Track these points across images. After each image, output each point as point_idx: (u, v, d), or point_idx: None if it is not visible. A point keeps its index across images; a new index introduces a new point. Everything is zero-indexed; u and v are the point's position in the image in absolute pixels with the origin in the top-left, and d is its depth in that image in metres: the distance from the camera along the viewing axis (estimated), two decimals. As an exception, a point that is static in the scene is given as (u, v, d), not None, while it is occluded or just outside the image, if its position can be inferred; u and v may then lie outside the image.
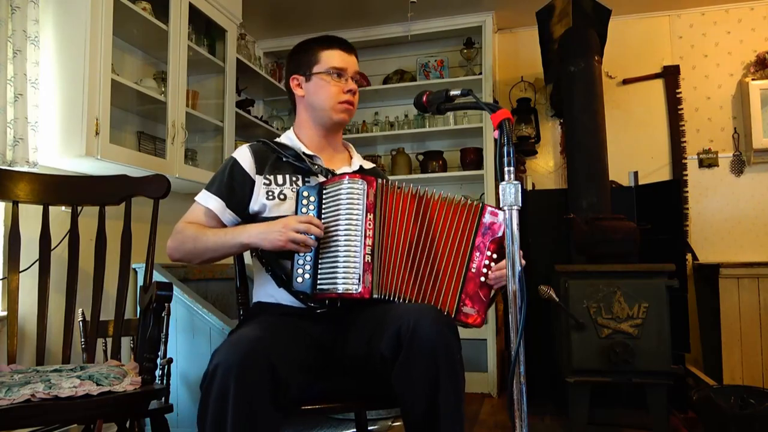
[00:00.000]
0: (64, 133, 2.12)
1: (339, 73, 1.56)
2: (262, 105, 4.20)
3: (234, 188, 1.50)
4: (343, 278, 1.30)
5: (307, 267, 1.34)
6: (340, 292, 1.30)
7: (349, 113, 1.60)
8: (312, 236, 1.32)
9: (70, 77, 2.13)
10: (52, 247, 1.82)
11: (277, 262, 1.47)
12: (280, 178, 1.51)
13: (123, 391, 1.41)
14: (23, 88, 1.98)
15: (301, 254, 1.35)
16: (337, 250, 1.32)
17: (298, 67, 1.60)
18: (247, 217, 1.52)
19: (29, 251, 1.85)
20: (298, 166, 1.53)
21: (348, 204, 1.33)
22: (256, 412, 1.12)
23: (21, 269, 1.74)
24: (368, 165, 1.70)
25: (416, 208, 1.39)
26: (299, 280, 1.35)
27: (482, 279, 1.38)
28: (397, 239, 1.37)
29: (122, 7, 2.32)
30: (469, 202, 1.43)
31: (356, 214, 1.32)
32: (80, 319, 1.96)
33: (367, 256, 1.31)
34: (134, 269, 2.59)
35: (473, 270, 1.38)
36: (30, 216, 2.00)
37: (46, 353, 1.72)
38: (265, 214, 1.48)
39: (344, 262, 1.30)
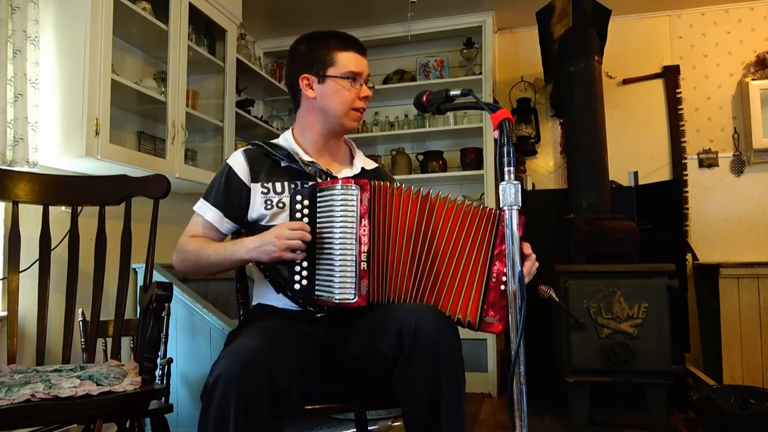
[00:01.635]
0: (64, 133, 2.12)
1: (354, 77, 1.51)
2: (262, 105, 4.20)
3: (230, 198, 1.49)
4: (340, 287, 1.28)
5: (304, 273, 1.33)
6: (337, 301, 1.29)
7: (359, 120, 1.58)
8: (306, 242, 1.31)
9: (70, 77, 2.13)
10: (52, 247, 1.82)
11: (275, 268, 1.46)
12: (278, 185, 1.49)
13: (123, 391, 1.41)
14: (23, 88, 1.98)
15: (298, 260, 1.33)
16: (332, 259, 1.30)
17: (309, 66, 1.52)
18: (247, 224, 1.52)
19: (29, 251, 1.85)
20: (296, 170, 1.50)
21: (342, 211, 1.30)
22: (257, 423, 1.13)
23: (21, 269, 1.74)
24: (371, 165, 1.67)
25: (419, 211, 1.36)
26: (296, 286, 1.34)
27: (502, 288, 1.35)
28: (396, 243, 1.35)
29: (122, 7, 2.32)
30: (482, 207, 1.39)
31: (350, 222, 1.29)
32: (80, 319, 1.97)
33: (362, 263, 1.28)
34: (134, 269, 2.59)
35: (494, 279, 1.35)
36: (30, 216, 2.00)
37: (46, 353, 1.72)
38: (264, 222, 1.47)
39: (340, 270, 1.28)
